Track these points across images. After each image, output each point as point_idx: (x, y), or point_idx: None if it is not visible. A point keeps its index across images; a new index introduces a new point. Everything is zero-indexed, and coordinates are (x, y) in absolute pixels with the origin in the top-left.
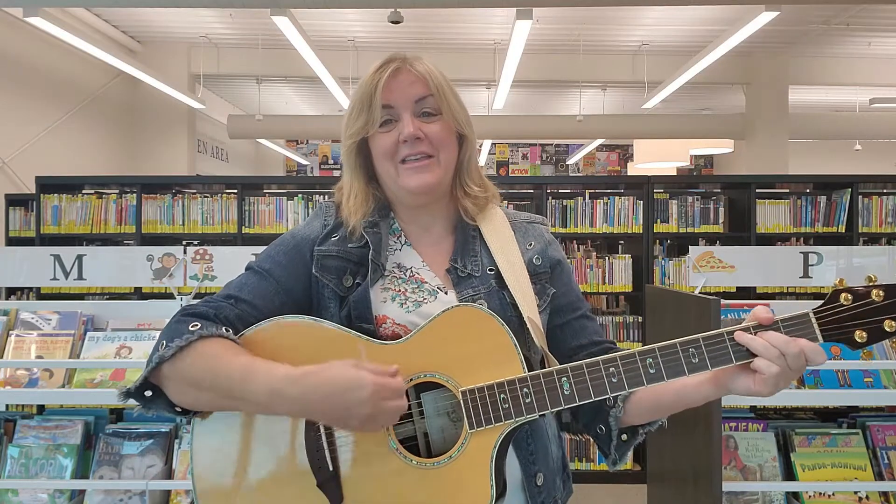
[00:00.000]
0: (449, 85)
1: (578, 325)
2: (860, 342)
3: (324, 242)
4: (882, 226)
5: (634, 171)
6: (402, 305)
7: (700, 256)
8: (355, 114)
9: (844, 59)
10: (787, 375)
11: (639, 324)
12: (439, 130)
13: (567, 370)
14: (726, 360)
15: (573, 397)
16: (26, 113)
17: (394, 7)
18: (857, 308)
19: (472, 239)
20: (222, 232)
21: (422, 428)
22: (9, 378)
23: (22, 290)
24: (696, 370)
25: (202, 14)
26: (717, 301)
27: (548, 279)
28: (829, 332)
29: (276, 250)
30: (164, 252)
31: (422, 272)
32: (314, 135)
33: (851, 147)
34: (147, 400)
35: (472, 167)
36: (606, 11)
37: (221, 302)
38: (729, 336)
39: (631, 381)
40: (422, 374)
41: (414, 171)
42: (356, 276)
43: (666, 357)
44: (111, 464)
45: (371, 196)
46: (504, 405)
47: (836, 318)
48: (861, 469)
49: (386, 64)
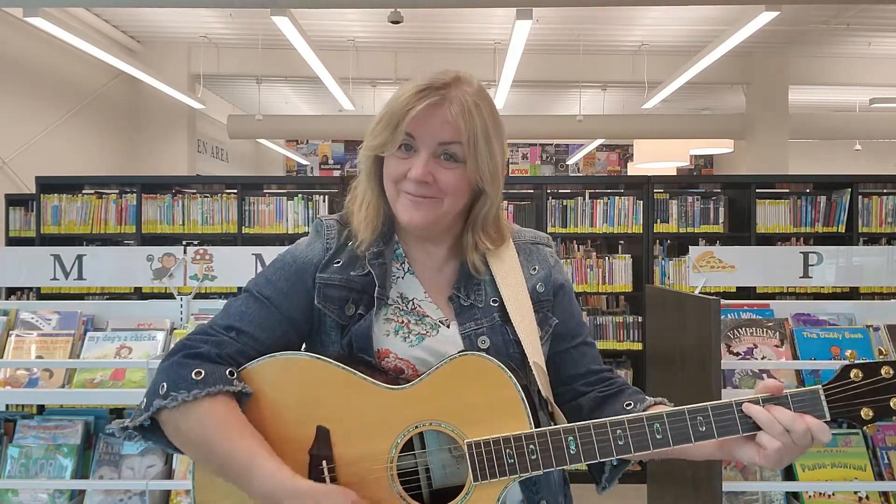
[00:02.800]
0: (487, 130)
1: (578, 353)
2: (866, 419)
3: (326, 269)
4: (882, 226)
5: (634, 171)
6: (406, 339)
7: (700, 256)
8: (379, 128)
9: (844, 59)
10: (791, 451)
11: (639, 324)
12: (453, 179)
13: (574, 430)
14: (733, 431)
15: (578, 457)
16: (26, 113)
17: (394, 7)
18: (866, 385)
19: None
20: (222, 232)
21: (423, 463)
22: (9, 378)
23: (22, 290)
24: (702, 438)
25: (202, 14)
26: (717, 301)
27: (550, 307)
28: (837, 409)
29: (277, 276)
30: (164, 252)
31: (423, 305)
32: (314, 135)
33: (851, 147)
34: (145, 430)
35: (487, 222)
36: (606, 11)
37: (223, 336)
38: (737, 406)
39: (637, 446)
40: (426, 423)
41: (410, 205)
42: (358, 306)
43: (673, 424)
44: (111, 464)
45: (382, 212)
46: (510, 460)
47: (844, 395)
48: (861, 469)
49: (427, 91)
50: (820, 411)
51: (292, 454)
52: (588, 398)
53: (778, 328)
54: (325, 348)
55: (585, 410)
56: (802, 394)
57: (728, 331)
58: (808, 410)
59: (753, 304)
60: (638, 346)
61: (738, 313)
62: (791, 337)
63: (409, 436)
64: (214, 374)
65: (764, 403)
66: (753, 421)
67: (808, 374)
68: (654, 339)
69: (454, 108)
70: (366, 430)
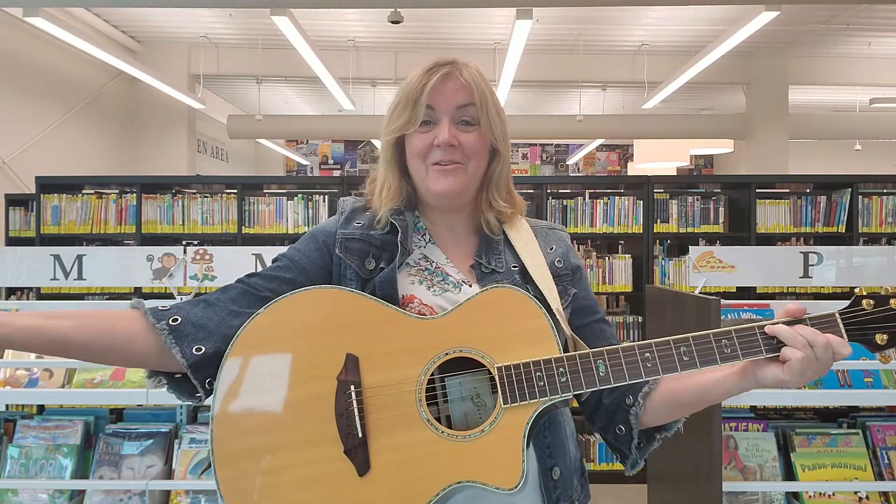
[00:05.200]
0: (493, 96)
1: (598, 328)
2: (881, 344)
3: (346, 226)
4: (882, 226)
5: (634, 171)
6: (430, 289)
7: (700, 256)
8: (399, 110)
9: (844, 59)
10: (814, 366)
11: (639, 324)
12: (474, 141)
13: (603, 353)
14: (757, 352)
15: (608, 379)
16: (26, 113)
17: (394, 7)
18: (879, 313)
19: (496, 240)
20: (222, 232)
21: (444, 411)
22: (9, 378)
23: (22, 290)
24: (728, 360)
25: (202, 14)
26: (717, 301)
27: (569, 281)
28: (853, 333)
29: (299, 244)
30: (164, 252)
31: (446, 267)
32: (314, 135)
33: (851, 147)
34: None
35: (500, 182)
36: (606, 11)
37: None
38: (760, 329)
39: (665, 367)
40: (457, 349)
41: (441, 175)
42: (379, 261)
43: (699, 346)
44: (111, 464)
45: (404, 191)
46: (539, 382)
47: (859, 320)
48: (861, 469)
49: (436, 67)
50: (838, 333)
51: (322, 379)
52: None
53: None
54: None
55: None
56: (821, 317)
57: None
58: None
59: (753, 304)
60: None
61: (738, 313)
62: None
63: (439, 362)
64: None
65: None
66: (775, 342)
67: None
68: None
69: (465, 75)
70: (395, 357)
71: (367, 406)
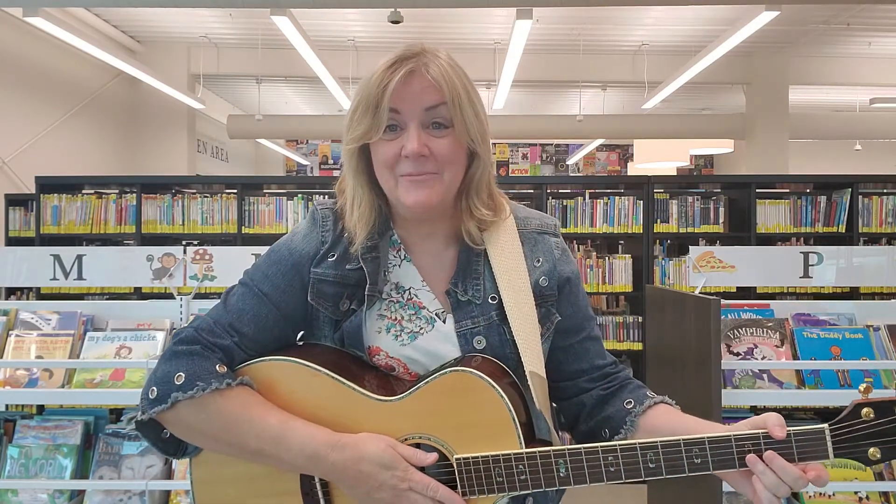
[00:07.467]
0: (468, 90)
1: (581, 348)
2: (872, 460)
3: (320, 264)
4: (882, 226)
5: (634, 171)
6: (397, 338)
7: (700, 256)
8: (359, 115)
9: (844, 59)
10: (786, 489)
11: (639, 324)
12: (447, 146)
13: (565, 454)
14: (730, 465)
15: (568, 480)
16: (26, 113)
17: (394, 7)
18: (877, 426)
19: (475, 258)
20: (222, 232)
21: None
22: (9, 378)
23: (22, 290)
24: (696, 470)
25: (202, 14)
26: (718, 301)
27: (553, 302)
28: (842, 450)
29: (274, 270)
30: (164, 252)
31: (420, 294)
32: (314, 135)
33: (851, 147)
34: (139, 424)
35: (481, 186)
36: (606, 11)
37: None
38: (737, 442)
39: (628, 474)
40: (416, 436)
41: (413, 186)
42: (352, 301)
43: (668, 453)
44: (111, 464)
45: (376, 205)
46: (498, 478)
47: (852, 436)
48: (861, 469)
49: (398, 63)
50: (823, 452)
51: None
52: (590, 395)
53: (778, 328)
54: (319, 341)
55: (587, 408)
56: (807, 434)
57: (728, 331)
58: (811, 450)
59: (753, 304)
60: (638, 347)
61: (738, 313)
62: (791, 337)
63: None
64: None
65: (766, 446)
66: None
67: (807, 374)
68: (654, 340)
69: (432, 70)
70: None
71: (333, 492)
